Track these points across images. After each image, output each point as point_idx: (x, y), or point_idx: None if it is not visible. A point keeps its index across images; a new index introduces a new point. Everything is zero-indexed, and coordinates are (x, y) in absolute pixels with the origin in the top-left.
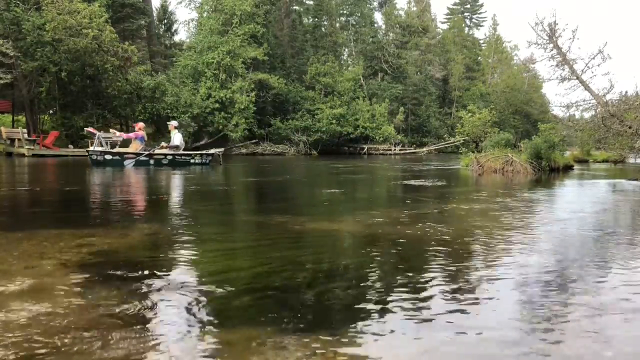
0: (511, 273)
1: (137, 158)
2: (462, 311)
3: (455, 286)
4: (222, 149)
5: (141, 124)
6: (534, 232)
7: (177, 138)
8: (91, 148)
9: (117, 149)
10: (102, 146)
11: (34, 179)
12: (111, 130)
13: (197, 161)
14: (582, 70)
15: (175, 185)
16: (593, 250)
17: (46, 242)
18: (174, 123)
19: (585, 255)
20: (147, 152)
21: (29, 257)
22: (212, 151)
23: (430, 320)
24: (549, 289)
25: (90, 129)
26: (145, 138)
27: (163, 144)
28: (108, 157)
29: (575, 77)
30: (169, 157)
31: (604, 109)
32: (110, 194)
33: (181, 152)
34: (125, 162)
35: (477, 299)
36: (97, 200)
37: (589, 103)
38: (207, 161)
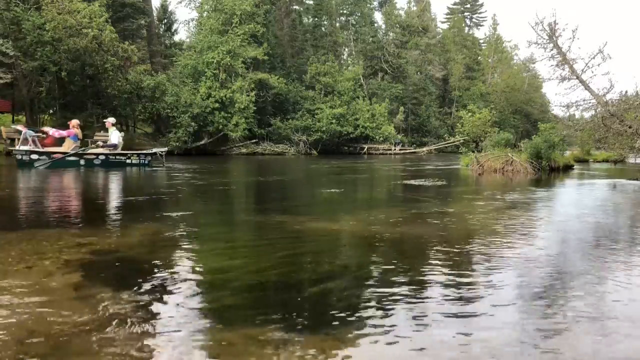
0: (511, 273)
1: (63, 157)
2: (462, 311)
3: (455, 286)
4: (166, 148)
5: (75, 122)
6: (534, 232)
7: (114, 136)
8: (16, 147)
9: (46, 149)
10: (30, 145)
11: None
12: (44, 127)
13: (134, 162)
14: (582, 70)
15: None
16: (593, 250)
17: (46, 241)
18: (111, 120)
19: (586, 255)
20: (72, 152)
21: (28, 257)
22: (153, 150)
23: (430, 320)
24: (549, 289)
25: (19, 127)
26: (80, 136)
27: (99, 143)
28: (34, 156)
29: (575, 77)
30: (102, 157)
31: (604, 109)
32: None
33: (116, 151)
34: (36, 163)
35: (477, 298)
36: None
37: (589, 103)
38: (146, 162)
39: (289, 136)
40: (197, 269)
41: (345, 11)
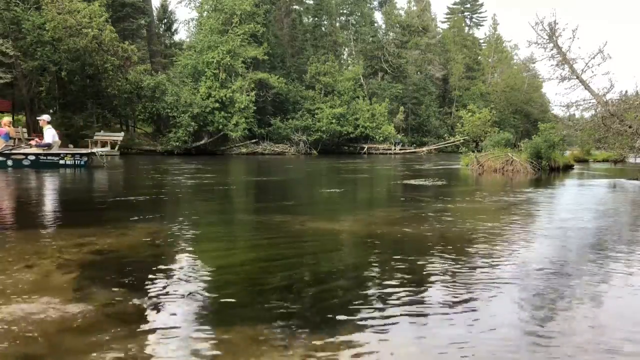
0: (511, 273)
1: None
2: (462, 311)
3: (455, 286)
4: (107, 148)
5: (6, 119)
6: (534, 232)
7: (49, 135)
8: None
9: None
10: None
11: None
12: None
13: (68, 162)
14: (582, 70)
15: None
16: (592, 251)
17: (46, 241)
18: (45, 117)
19: (585, 255)
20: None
21: (28, 257)
22: (93, 150)
23: (431, 319)
24: (548, 289)
25: None
26: (11, 135)
27: (32, 142)
28: None
29: (575, 77)
30: (31, 158)
31: (604, 109)
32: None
33: (49, 151)
34: None
35: (477, 298)
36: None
37: (589, 102)
38: (82, 162)
39: (289, 136)
40: (197, 268)
41: (345, 11)
